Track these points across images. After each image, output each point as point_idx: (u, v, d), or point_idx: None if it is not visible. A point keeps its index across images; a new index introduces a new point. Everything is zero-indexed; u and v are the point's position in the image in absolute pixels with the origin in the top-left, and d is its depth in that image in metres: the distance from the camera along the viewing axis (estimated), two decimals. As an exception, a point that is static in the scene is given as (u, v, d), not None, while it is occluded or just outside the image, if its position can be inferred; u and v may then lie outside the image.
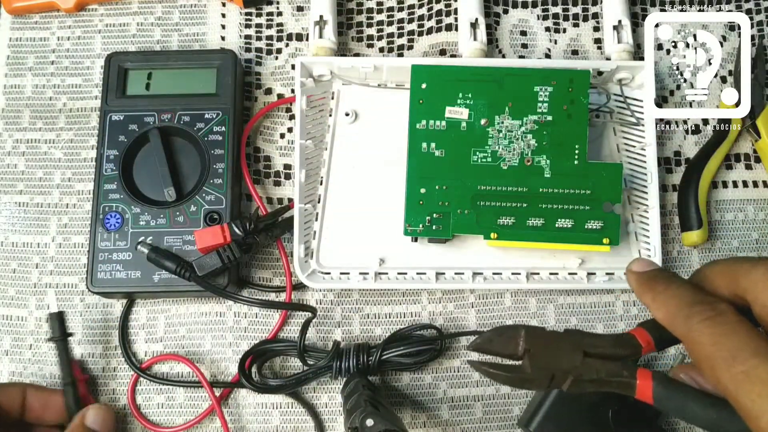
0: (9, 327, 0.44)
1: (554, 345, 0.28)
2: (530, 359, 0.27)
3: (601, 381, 0.27)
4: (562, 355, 0.27)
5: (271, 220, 0.42)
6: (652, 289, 0.28)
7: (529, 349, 0.27)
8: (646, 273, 0.29)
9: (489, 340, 0.28)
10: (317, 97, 0.45)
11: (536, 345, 0.28)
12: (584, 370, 0.27)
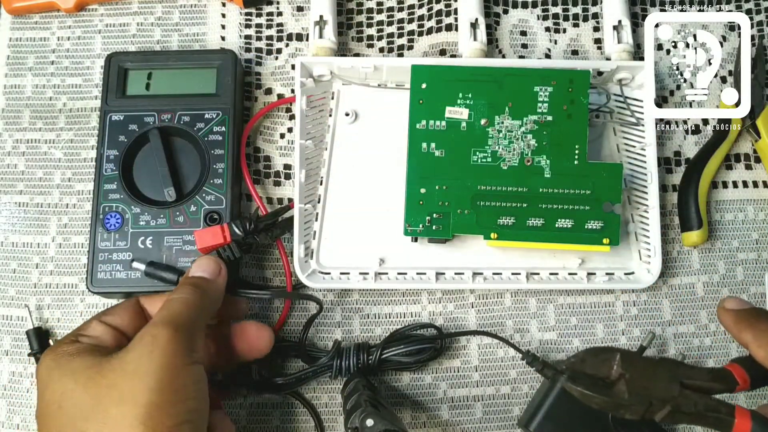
0: (9, 327, 0.44)
1: (651, 372, 0.27)
2: (627, 384, 0.27)
3: (698, 414, 0.26)
4: (659, 384, 0.27)
5: (271, 220, 0.42)
6: (753, 326, 0.27)
7: (624, 374, 0.27)
8: (745, 311, 0.28)
9: (582, 360, 0.28)
10: (317, 97, 0.45)
11: (632, 370, 0.27)
12: (682, 402, 0.26)
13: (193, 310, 0.34)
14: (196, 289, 0.35)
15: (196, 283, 0.36)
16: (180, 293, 0.35)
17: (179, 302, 0.34)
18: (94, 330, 0.35)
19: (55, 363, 0.32)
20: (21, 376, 0.43)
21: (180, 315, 0.33)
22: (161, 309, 0.34)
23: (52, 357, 0.32)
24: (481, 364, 0.43)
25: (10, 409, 0.43)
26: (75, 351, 0.32)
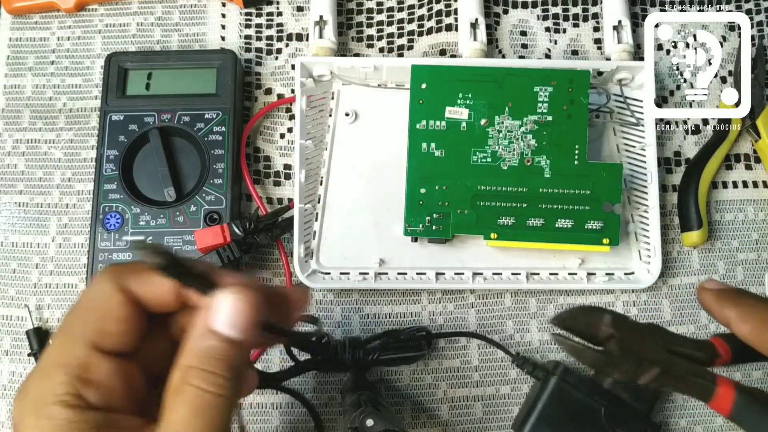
0: (9, 327, 0.44)
1: (639, 335, 0.27)
2: (618, 343, 0.27)
3: (684, 379, 0.26)
4: (649, 346, 0.27)
5: (271, 220, 0.42)
6: (737, 303, 0.27)
7: (614, 335, 0.27)
8: (726, 290, 0.28)
9: (574, 316, 0.28)
10: (317, 97, 0.45)
11: (622, 331, 0.27)
12: (672, 365, 0.26)
13: (229, 410, 0.24)
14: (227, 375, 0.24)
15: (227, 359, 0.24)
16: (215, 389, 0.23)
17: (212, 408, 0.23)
18: (99, 372, 0.24)
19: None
20: (21, 377, 0.43)
21: (217, 430, 0.23)
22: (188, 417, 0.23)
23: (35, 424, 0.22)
24: (481, 365, 0.43)
25: (9, 409, 0.43)
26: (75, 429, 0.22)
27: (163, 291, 0.25)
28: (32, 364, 0.43)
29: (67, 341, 0.24)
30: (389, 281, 0.43)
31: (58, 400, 0.22)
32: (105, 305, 0.24)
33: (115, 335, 0.24)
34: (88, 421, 0.22)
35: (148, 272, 0.25)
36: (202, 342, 0.24)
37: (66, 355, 0.24)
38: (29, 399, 0.23)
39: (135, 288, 0.25)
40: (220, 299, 0.24)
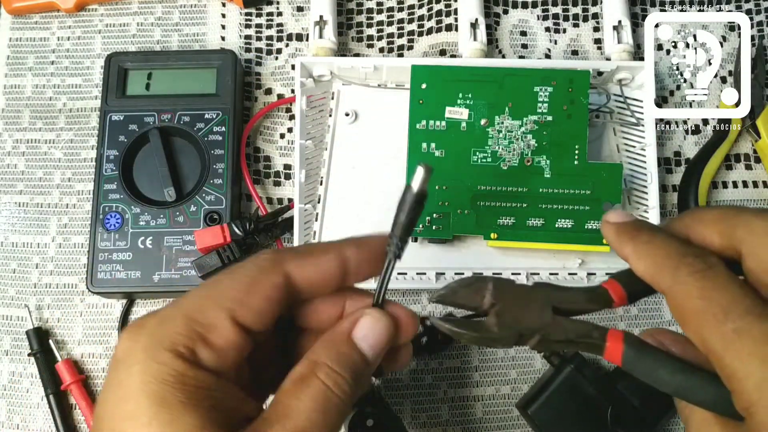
0: (9, 327, 0.44)
1: (523, 300, 0.26)
2: (497, 316, 0.26)
3: (569, 342, 0.26)
4: (530, 313, 0.26)
5: (271, 220, 0.42)
6: (633, 238, 0.26)
7: (495, 304, 0.26)
8: (627, 223, 0.27)
9: (454, 291, 0.27)
10: (317, 97, 0.45)
11: (504, 299, 0.26)
12: (553, 330, 0.26)
13: (343, 418, 0.24)
14: (352, 384, 0.24)
15: (356, 370, 0.25)
16: (340, 393, 0.24)
17: (334, 410, 0.23)
18: (223, 338, 0.23)
19: (145, 386, 0.21)
20: (21, 376, 0.43)
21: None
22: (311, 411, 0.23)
23: (143, 372, 0.22)
24: (481, 365, 0.43)
25: (10, 409, 0.43)
26: (183, 382, 0.22)
27: (326, 278, 0.26)
28: (32, 364, 0.43)
29: (204, 298, 0.24)
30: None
31: (173, 348, 0.22)
32: (260, 279, 0.24)
33: (254, 311, 0.24)
34: (198, 378, 0.22)
35: (313, 258, 0.26)
36: (340, 346, 0.25)
37: (197, 310, 0.23)
38: (143, 336, 0.22)
39: (297, 273, 0.25)
40: (370, 316, 0.26)
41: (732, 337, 0.22)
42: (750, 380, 0.21)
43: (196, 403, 0.21)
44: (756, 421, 0.21)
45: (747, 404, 0.21)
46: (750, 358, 0.21)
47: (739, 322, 0.22)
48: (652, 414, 0.39)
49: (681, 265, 0.24)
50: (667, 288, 0.24)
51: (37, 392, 0.43)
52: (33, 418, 0.42)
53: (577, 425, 0.39)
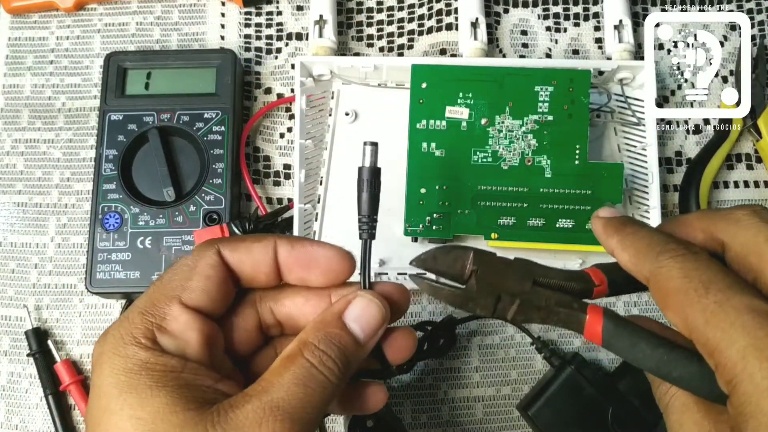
0: (8, 327, 0.44)
1: (503, 269, 0.26)
2: (477, 280, 0.26)
3: (549, 309, 0.25)
4: (510, 280, 0.26)
5: (270, 220, 0.42)
6: (619, 231, 0.26)
7: (476, 270, 0.26)
8: (615, 218, 0.27)
9: (434, 257, 0.27)
10: (317, 96, 0.45)
11: (484, 267, 0.26)
12: (533, 296, 0.25)
13: (329, 398, 0.24)
14: (340, 364, 0.25)
15: (345, 350, 0.25)
16: (325, 371, 0.24)
17: (316, 386, 0.24)
18: (177, 323, 0.25)
19: (113, 379, 0.23)
20: (20, 377, 0.43)
21: (310, 410, 0.23)
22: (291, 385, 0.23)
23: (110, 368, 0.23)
24: (482, 365, 0.43)
25: (9, 409, 0.43)
26: (149, 368, 0.23)
27: (258, 266, 0.27)
28: (31, 364, 0.43)
29: (153, 292, 0.25)
30: (389, 281, 0.43)
31: (135, 341, 0.24)
32: (196, 262, 0.26)
33: (198, 291, 0.25)
34: (164, 363, 0.23)
35: (246, 245, 0.27)
36: (329, 326, 0.26)
37: (149, 304, 0.25)
38: (108, 339, 0.24)
39: (229, 256, 0.27)
40: (362, 297, 0.27)
41: (714, 309, 0.22)
42: (733, 349, 0.21)
43: (163, 384, 0.23)
44: (740, 392, 0.21)
45: (730, 376, 0.21)
46: (732, 327, 0.21)
47: (720, 295, 0.22)
48: (653, 414, 0.39)
49: (663, 251, 0.24)
50: (649, 273, 0.24)
51: (36, 392, 0.43)
52: (32, 419, 0.42)
53: (578, 426, 0.39)
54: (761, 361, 0.20)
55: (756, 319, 0.21)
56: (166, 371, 0.23)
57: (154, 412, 0.22)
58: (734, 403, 0.21)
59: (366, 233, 0.28)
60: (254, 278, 0.27)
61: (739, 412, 0.21)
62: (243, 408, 0.23)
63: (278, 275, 0.28)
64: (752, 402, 0.20)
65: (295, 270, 0.27)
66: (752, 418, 0.20)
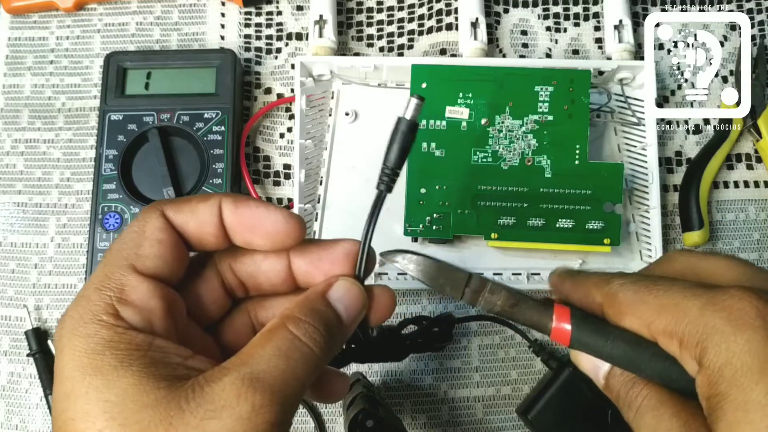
0: (8, 327, 0.44)
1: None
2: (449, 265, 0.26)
3: (518, 296, 0.25)
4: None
5: (270, 220, 0.42)
6: (572, 276, 0.27)
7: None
8: (566, 270, 0.28)
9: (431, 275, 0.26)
10: (317, 96, 0.45)
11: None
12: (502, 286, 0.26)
13: (312, 371, 0.23)
14: (325, 336, 0.24)
15: (329, 324, 0.25)
16: (309, 341, 0.23)
17: (299, 358, 0.23)
18: (137, 292, 0.23)
19: (75, 362, 0.21)
20: (20, 377, 0.43)
21: (292, 382, 0.22)
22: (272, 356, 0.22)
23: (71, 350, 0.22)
24: (482, 365, 0.43)
25: (8, 409, 0.43)
26: (113, 347, 0.22)
27: (204, 227, 0.25)
28: (31, 364, 0.43)
29: (105, 265, 0.24)
30: (389, 281, 0.43)
31: (96, 319, 0.22)
32: (143, 228, 0.24)
33: (152, 257, 0.24)
34: (128, 341, 0.22)
35: (190, 205, 0.25)
36: (314, 303, 0.25)
37: (103, 278, 0.23)
38: (66, 321, 0.22)
39: (173, 217, 0.25)
40: (344, 280, 0.26)
41: (660, 293, 0.23)
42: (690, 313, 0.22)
43: (129, 363, 0.21)
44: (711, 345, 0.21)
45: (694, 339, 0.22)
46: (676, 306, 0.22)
47: (665, 284, 0.23)
48: None
49: (613, 277, 0.25)
50: (602, 297, 0.25)
51: (36, 393, 0.43)
52: (32, 419, 0.42)
53: (578, 428, 0.39)
54: (716, 312, 0.21)
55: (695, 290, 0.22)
56: (131, 349, 0.22)
57: (122, 393, 0.21)
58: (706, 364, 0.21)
59: (384, 185, 0.27)
60: (201, 240, 0.26)
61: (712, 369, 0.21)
62: (220, 381, 0.21)
63: (227, 237, 0.26)
64: (722, 351, 0.21)
65: (240, 231, 0.26)
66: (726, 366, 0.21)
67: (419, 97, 0.27)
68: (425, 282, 0.26)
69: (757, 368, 0.20)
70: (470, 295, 0.26)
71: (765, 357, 0.20)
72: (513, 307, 0.25)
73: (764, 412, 0.19)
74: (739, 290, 0.22)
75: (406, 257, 0.26)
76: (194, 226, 0.25)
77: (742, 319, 0.21)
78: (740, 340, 0.20)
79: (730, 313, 0.21)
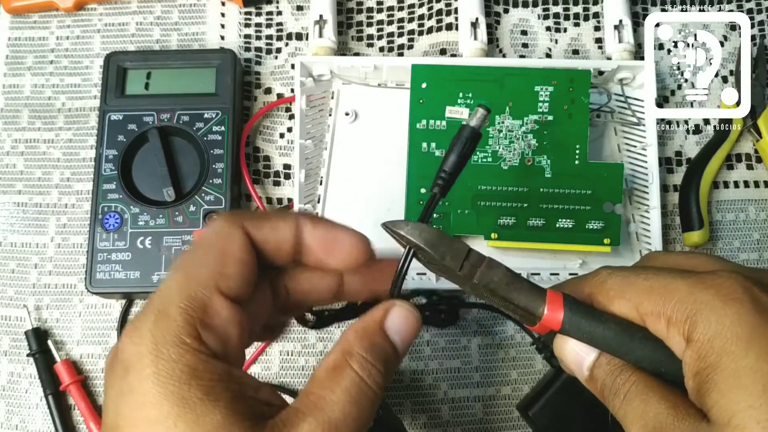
0: (8, 327, 0.44)
1: None
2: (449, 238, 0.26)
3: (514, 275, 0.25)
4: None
5: (270, 220, 0.42)
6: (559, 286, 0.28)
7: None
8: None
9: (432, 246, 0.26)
10: (317, 96, 0.45)
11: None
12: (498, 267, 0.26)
13: (373, 412, 0.23)
14: (384, 374, 0.24)
15: (388, 361, 0.24)
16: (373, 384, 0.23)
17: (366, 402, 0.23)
18: (219, 317, 0.22)
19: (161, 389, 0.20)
20: (20, 377, 0.43)
21: (362, 428, 0.22)
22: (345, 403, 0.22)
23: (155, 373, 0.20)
24: (482, 365, 0.43)
25: (8, 410, 0.43)
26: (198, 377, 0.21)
27: (282, 245, 0.25)
28: (31, 364, 0.43)
29: (185, 280, 0.22)
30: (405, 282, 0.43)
31: (180, 342, 0.21)
32: (226, 245, 0.23)
33: (234, 278, 0.23)
34: (211, 371, 0.21)
35: (271, 223, 0.25)
36: (374, 336, 0.24)
37: (186, 295, 0.22)
38: (145, 337, 0.21)
39: (255, 234, 0.24)
40: (400, 308, 0.25)
41: (649, 276, 0.24)
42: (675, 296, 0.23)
43: (216, 398, 0.20)
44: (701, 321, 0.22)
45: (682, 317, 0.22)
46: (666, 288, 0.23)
47: (652, 270, 0.24)
48: None
49: (600, 270, 0.26)
50: (591, 288, 0.26)
51: (35, 393, 0.43)
52: (32, 419, 0.42)
53: (579, 427, 0.39)
54: (705, 289, 0.22)
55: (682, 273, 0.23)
56: (215, 380, 0.21)
57: (211, 430, 0.20)
58: (697, 338, 0.22)
59: (438, 188, 0.28)
60: (275, 258, 0.25)
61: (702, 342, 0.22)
62: (299, 427, 0.21)
63: (296, 255, 0.26)
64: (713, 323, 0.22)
65: (316, 251, 0.26)
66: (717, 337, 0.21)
67: (486, 108, 0.29)
68: (428, 249, 0.26)
69: (747, 336, 0.21)
70: (468, 268, 0.25)
71: (753, 326, 0.21)
72: (508, 285, 0.25)
73: (755, 376, 0.20)
74: (725, 271, 0.23)
75: (410, 224, 0.26)
76: (273, 245, 0.25)
77: (731, 295, 0.22)
78: (729, 311, 0.21)
79: (718, 290, 0.22)
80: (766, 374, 0.20)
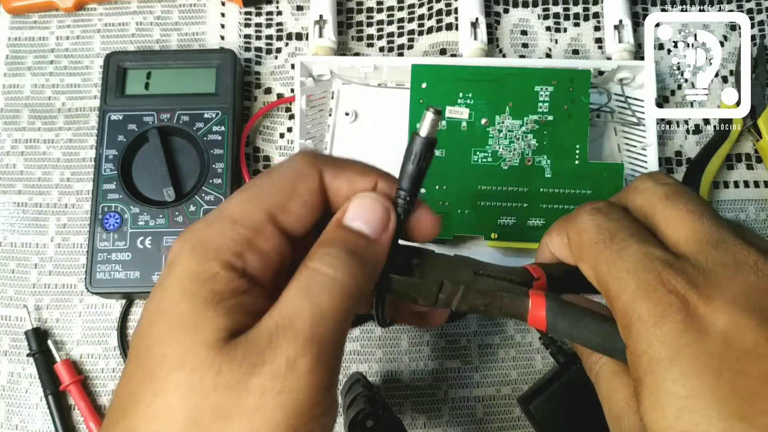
0: (8, 327, 0.44)
1: (444, 262, 0.26)
2: (420, 271, 0.25)
3: (493, 295, 0.25)
4: (452, 270, 0.26)
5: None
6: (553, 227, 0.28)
7: (418, 264, 0.26)
8: None
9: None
10: (317, 96, 0.45)
11: (425, 261, 0.26)
12: (476, 283, 0.25)
13: (343, 300, 0.21)
14: (348, 259, 0.22)
15: (352, 246, 0.23)
16: (329, 270, 0.22)
17: (321, 291, 0.21)
18: (267, 244, 0.22)
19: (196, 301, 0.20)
20: (20, 377, 0.43)
21: (320, 321, 0.21)
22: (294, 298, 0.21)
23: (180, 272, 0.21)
24: (482, 365, 0.43)
25: (8, 409, 0.43)
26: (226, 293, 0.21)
27: (354, 188, 0.25)
28: (31, 364, 0.43)
29: (248, 202, 0.23)
30: (389, 281, 0.43)
31: (221, 253, 0.21)
32: (297, 183, 0.24)
33: (295, 215, 0.23)
34: (236, 290, 0.21)
35: (348, 175, 0.25)
36: (329, 233, 0.24)
37: (242, 214, 0.22)
38: (192, 239, 0.22)
39: (330, 183, 0.24)
40: (357, 197, 0.24)
41: (615, 257, 0.23)
42: (626, 294, 0.22)
43: (219, 301, 0.21)
44: (633, 334, 0.22)
45: (624, 321, 0.22)
46: (627, 274, 0.22)
47: (622, 244, 0.23)
48: None
49: (581, 211, 0.26)
50: (568, 231, 0.26)
51: (35, 393, 0.43)
52: (32, 419, 0.42)
53: (579, 425, 0.39)
54: (647, 300, 0.21)
55: (647, 264, 0.22)
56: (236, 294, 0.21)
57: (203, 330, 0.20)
58: (630, 348, 0.22)
59: (402, 207, 0.25)
60: (338, 207, 0.25)
61: (634, 355, 0.22)
62: (257, 329, 0.20)
63: None
64: (642, 341, 0.21)
65: None
66: (643, 354, 0.21)
67: (436, 110, 0.24)
68: (399, 299, 0.26)
69: (668, 359, 0.21)
70: (444, 300, 0.26)
71: (676, 348, 0.21)
72: (488, 306, 0.26)
73: (671, 400, 0.20)
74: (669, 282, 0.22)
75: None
76: (343, 197, 0.25)
77: (664, 313, 0.21)
78: (658, 332, 0.21)
79: (656, 304, 0.21)
80: (681, 398, 0.20)
